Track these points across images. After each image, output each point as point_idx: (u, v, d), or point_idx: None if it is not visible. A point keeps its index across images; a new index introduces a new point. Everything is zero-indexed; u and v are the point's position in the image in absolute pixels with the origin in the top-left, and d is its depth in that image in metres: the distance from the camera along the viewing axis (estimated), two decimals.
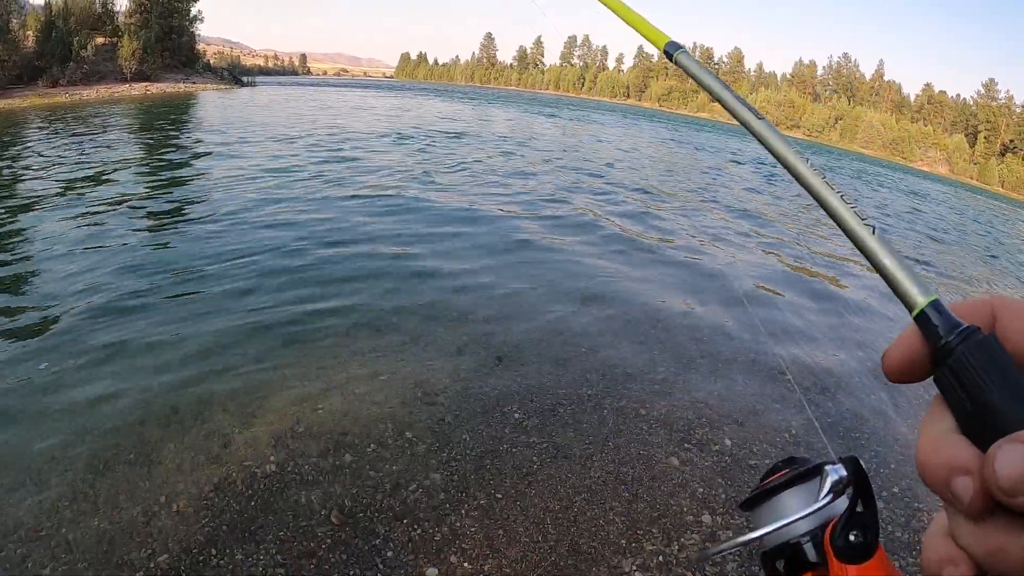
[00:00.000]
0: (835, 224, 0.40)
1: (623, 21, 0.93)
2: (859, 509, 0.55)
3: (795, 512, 0.59)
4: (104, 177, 9.45)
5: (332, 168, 10.99)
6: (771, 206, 12.99)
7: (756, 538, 0.60)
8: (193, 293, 4.97)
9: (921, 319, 0.35)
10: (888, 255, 0.38)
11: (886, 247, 0.38)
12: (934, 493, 0.31)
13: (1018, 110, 79.90)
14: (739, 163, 22.07)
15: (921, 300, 0.35)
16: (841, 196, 0.41)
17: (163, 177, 9.86)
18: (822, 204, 0.42)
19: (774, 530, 0.59)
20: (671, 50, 0.69)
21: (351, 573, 2.41)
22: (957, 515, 0.30)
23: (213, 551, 2.46)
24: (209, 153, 12.31)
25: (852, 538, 0.54)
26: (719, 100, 0.55)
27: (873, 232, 0.39)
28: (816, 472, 0.59)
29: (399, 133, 17.71)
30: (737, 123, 0.52)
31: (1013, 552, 0.27)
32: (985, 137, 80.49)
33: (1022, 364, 0.31)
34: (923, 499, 3.24)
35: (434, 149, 14.98)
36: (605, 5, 1.04)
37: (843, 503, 0.56)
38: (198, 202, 8.15)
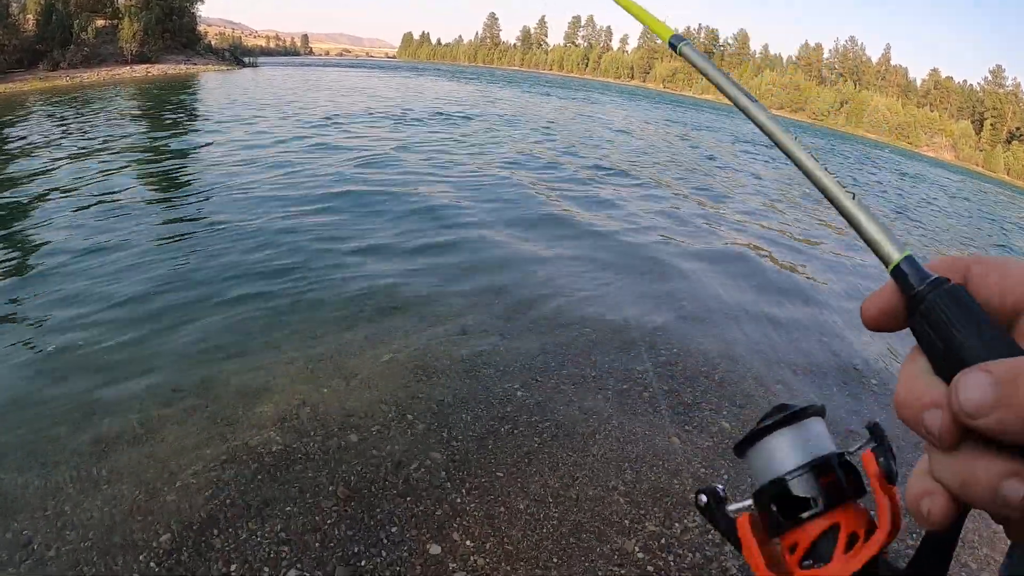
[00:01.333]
0: (821, 194, 0.46)
1: (630, 14, 0.98)
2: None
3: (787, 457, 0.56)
4: (101, 158, 9.43)
5: (330, 150, 10.94)
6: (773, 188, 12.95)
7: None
8: (196, 273, 4.97)
9: (896, 272, 0.38)
10: (866, 217, 0.42)
11: (864, 211, 0.42)
12: (910, 429, 0.33)
13: None
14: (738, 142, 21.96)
15: (896, 255, 0.39)
16: (825, 168, 0.47)
17: (161, 159, 9.83)
18: (809, 176, 0.48)
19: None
20: (675, 42, 0.76)
21: (356, 549, 2.43)
22: (933, 450, 0.32)
23: (216, 530, 2.47)
24: (208, 132, 12.26)
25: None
26: (720, 88, 0.60)
27: (853, 198, 0.44)
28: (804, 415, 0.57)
29: (404, 114, 17.61)
30: (739, 110, 0.58)
31: (981, 477, 0.30)
32: (992, 124, 79.87)
33: (994, 313, 0.34)
34: None
35: (440, 128, 14.89)
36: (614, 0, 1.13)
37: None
38: (199, 183, 8.13)
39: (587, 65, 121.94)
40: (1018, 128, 77.71)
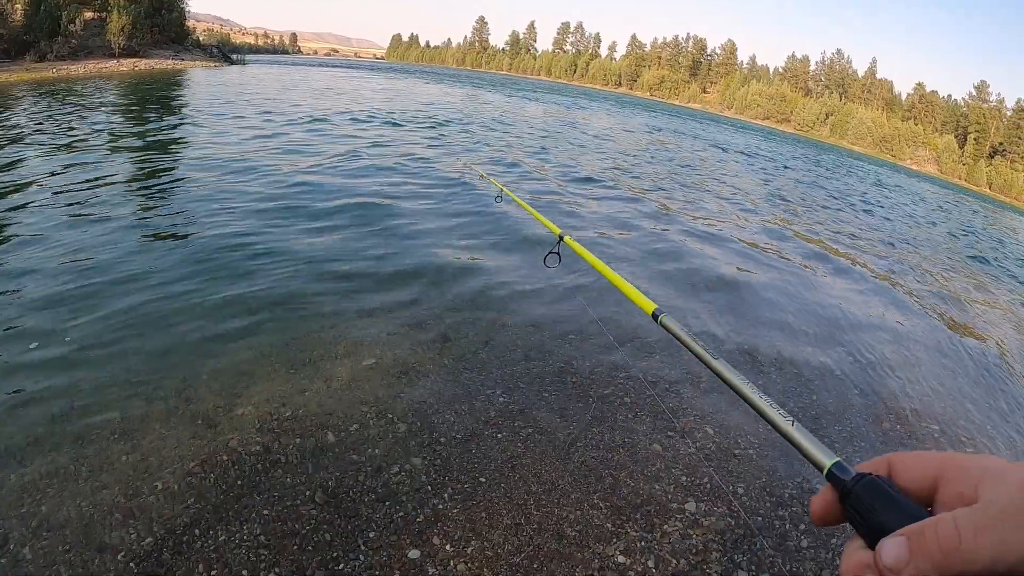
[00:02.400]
0: (767, 423, 0.63)
1: (618, 288, 1.20)
2: None
3: None
4: (81, 151, 9.32)
5: (316, 151, 10.90)
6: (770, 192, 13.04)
7: None
8: (178, 271, 4.92)
9: (830, 475, 0.48)
10: (804, 437, 0.55)
11: (802, 432, 0.56)
12: None
13: (1009, 113, 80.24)
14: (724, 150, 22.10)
15: (828, 463, 0.49)
16: (771, 403, 0.63)
17: (140, 155, 9.73)
18: (757, 409, 0.64)
19: None
20: (658, 313, 0.96)
21: (334, 554, 2.42)
22: None
23: (196, 531, 2.45)
24: (192, 128, 12.17)
25: None
26: (697, 355, 0.78)
27: (793, 424, 0.58)
28: None
29: (392, 116, 17.58)
30: (708, 367, 0.78)
31: None
32: (975, 139, 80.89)
33: (916, 492, 0.43)
34: None
35: (422, 133, 14.88)
36: (603, 273, 1.33)
37: None
38: (179, 182, 8.05)
39: (575, 71, 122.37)
40: (1001, 143, 78.78)
